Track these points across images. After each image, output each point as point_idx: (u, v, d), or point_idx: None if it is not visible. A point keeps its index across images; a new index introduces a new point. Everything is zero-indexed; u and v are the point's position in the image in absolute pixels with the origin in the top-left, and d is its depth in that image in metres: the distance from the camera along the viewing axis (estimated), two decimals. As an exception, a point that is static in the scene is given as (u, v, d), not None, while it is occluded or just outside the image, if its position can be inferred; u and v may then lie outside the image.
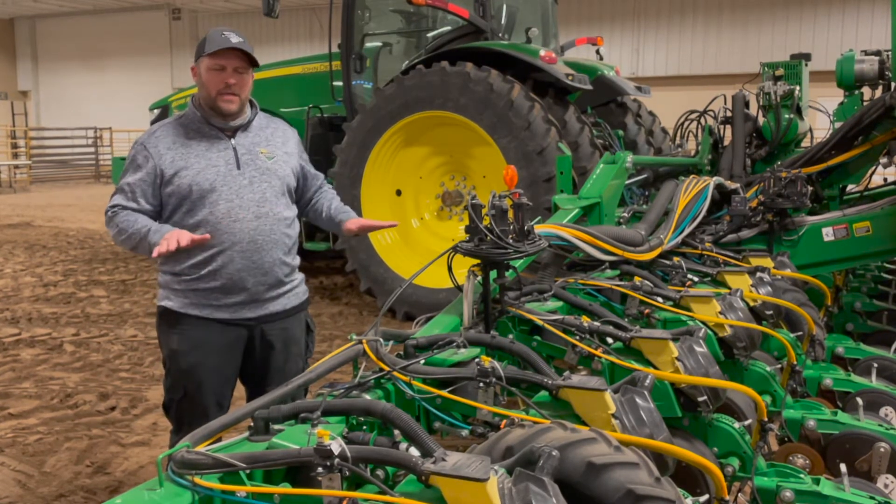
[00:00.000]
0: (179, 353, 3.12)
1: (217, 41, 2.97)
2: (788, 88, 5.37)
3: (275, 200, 3.10)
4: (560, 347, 2.56)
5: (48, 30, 31.48)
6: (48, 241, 12.63)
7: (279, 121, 3.35)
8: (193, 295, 3.07)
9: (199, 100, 3.11)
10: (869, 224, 4.33)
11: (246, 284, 3.06)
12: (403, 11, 8.39)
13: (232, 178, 3.03)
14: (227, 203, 3.01)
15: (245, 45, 2.98)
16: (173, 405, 3.19)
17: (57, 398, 5.38)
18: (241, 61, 3.01)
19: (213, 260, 3.02)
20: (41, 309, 8.03)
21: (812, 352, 3.29)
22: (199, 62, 3.06)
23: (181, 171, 3.00)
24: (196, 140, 3.06)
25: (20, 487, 4.09)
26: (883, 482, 2.51)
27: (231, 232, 3.01)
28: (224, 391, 3.19)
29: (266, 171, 3.10)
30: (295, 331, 3.29)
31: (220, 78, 3.00)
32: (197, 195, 3.00)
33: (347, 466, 1.53)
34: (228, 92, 3.00)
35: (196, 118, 3.10)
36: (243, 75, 3.03)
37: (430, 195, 7.77)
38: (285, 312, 3.22)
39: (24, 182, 24.25)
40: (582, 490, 1.58)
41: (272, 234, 3.09)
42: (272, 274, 3.11)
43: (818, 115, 5.96)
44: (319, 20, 9.74)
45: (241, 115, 3.10)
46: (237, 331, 3.12)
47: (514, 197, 2.56)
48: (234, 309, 3.08)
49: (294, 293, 3.26)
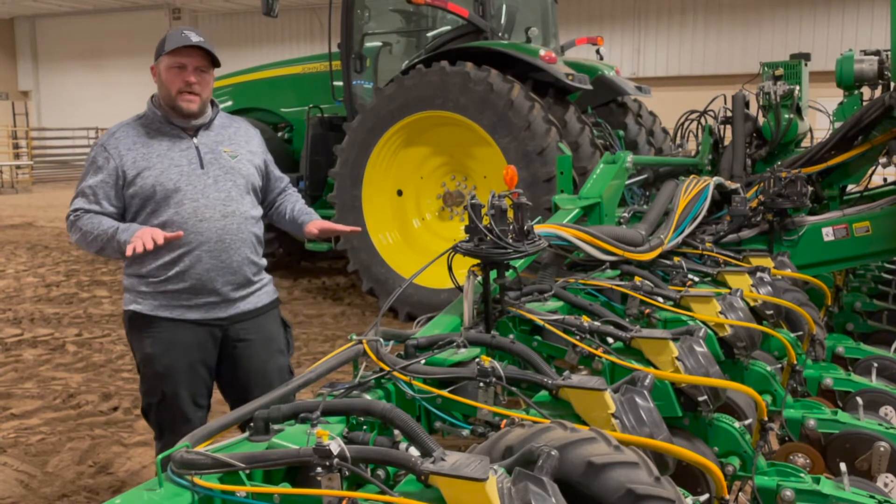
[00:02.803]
0: (154, 356, 3.08)
1: (177, 40, 2.94)
2: (788, 88, 5.37)
3: (240, 199, 3.08)
4: (560, 347, 2.57)
5: (48, 30, 31.49)
6: (50, 242, 12.64)
7: (241, 120, 3.35)
8: (163, 297, 3.03)
9: (160, 99, 3.07)
10: (869, 224, 4.33)
11: (215, 284, 3.03)
12: (403, 11, 8.39)
13: (196, 178, 3.00)
14: (193, 203, 2.98)
15: (206, 44, 2.96)
16: (152, 409, 3.16)
17: (59, 398, 5.39)
18: (202, 60, 2.98)
19: (181, 260, 2.99)
20: (43, 309, 8.04)
21: (812, 351, 3.29)
22: (158, 61, 3.02)
23: (143, 172, 2.97)
24: (157, 140, 3.03)
25: (23, 487, 4.10)
26: (883, 481, 2.51)
27: (198, 231, 2.98)
28: (200, 390, 3.15)
29: (230, 169, 3.08)
30: (271, 327, 3.27)
31: (180, 77, 2.97)
32: (161, 195, 2.96)
33: (347, 466, 1.54)
34: (189, 91, 2.97)
35: (157, 118, 3.06)
36: (204, 74, 3.00)
37: (431, 195, 7.78)
38: (257, 311, 3.20)
39: (26, 182, 24.26)
40: (582, 490, 1.58)
41: (240, 233, 3.06)
42: (241, 273, 3.09)
43: (818, 115, 5.96)
44: (319, 20, 9.75)
45: (202, 114, 3.06)
46: (210, 329, 3.10)
47: (514, 197, 2.56)
48: (205, 309, 3.06)
49: (264, 291, 3.25)
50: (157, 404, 3.13)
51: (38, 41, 31.96)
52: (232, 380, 3.26)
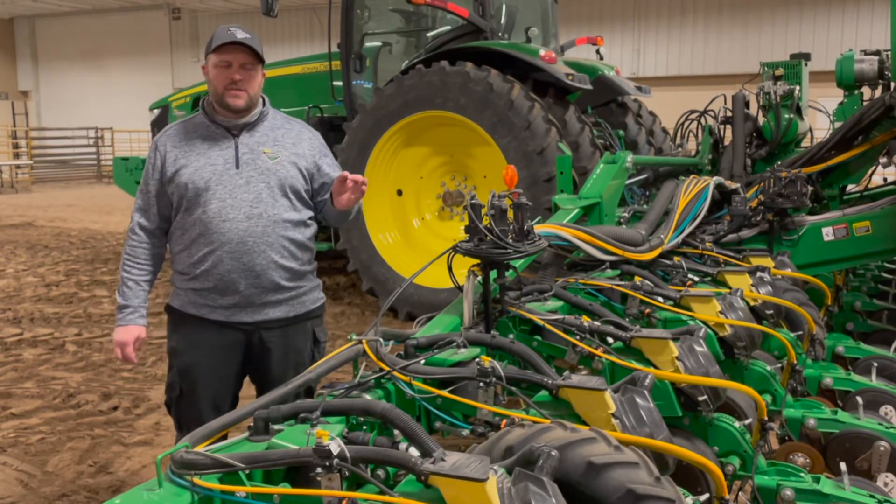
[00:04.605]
0: (177, 351, 3.13)
1: (222, 37, 2.95)
2: (788, 88, 5.37)
3: (271, 202, 3.02)
4: (560, 347, 2.57)
5: (48, 30, 31.51)
6: (50, 242, 12.65)
7: (297, 121, 3.26)
8: (192, 294, 3.06)
9: (210, 97, 3.09)
10: (869, 224, 4.33)
11: (238, 287, 3.01)
12: (403, 11, 8.39)
13: (228, 178, 3.00)
14: (220, 202, 2.97)
15: (251, 41, 2.95)
16: (172, 403, 3.19)
17: (59, 398, 5.39)
18: (247, 57, 2.98)
19: (206, 260, 3.00)
20: (43, 309, 8.04)
21: (812, 351, 3.30)
22: (207, 59, 3.04)
23: (181, 170, 3.00)
24: (200, 139, 3.06)
25: (22, 487, 4.10)
26: (883, 481, 2.51)
27: (221, 232, 2.97)
28: (222, 393, 3.13)
29: (266, 171, 3.03)
30: (296, 340, 3.17)
31: (225, 74, 2.97)
32: (192, 193, 2.98)
33: (346, 467, 1.54)
34: (234, 87, 2.98)
35: (203, 117, 3.09)
36: (250, 71, 3.00)
37: (432, 195, 7.77)
38: (287, 320, 3.12)
39: (26, 182, 24.28)
40: (582, 490, 1.58)
41: (265, 237, 3.00)
42: (266, 277, 3.02)
43: (818, 115, 5.96)
44: (319, 20, 9.74)
45: (249, 112, 3.06)
46: (234, 334, 3.07)
47: (514, 197, 2.56)
48: (230, 311, 3.04)
49: (300, 301, 3.15)
50: (177, 399, 3.15)
51: (37, 41, 31.98)
52: (257, 381, 3.25)
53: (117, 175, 11.06)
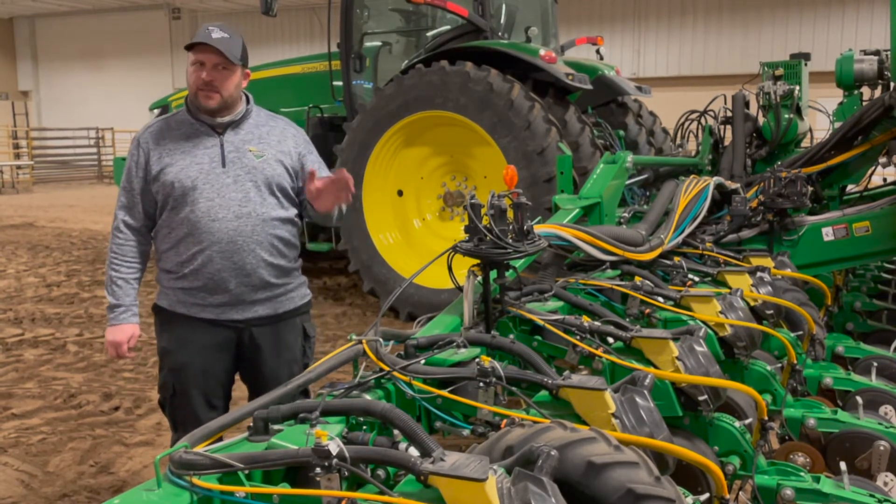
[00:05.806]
0: (168, 351, 3.12)
1: (198, 36, 2.91)
2: (788, 88, 5.37)
3: (259, 200, 3.02)
4: (561, 347, 2.57)
5: (48, 30, 31.51)
6: (51, 242, 12.65)
7: (280, 119, 3.24)
8: (181, 293, 3.05)
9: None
10: (869, 224, 4.33)
11: (228, 285, 3.01)
12: (403, 11, 8.39)
13: (215, 177, 2.98)
14: (208, 202, 2.96)
15: (223, 42, 2.89)
16: (166, 403, 3.19)
17: (60, 398, 5.39)
18: (220, 58, 2.92)
19: (195, 259, 2.99)
20: (44, 309, 8.04)
21: (812, 351, 3.30)
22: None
23: (166, 168, 2.98)
24: (185, 137, 3.02)
25: (23, 487, 4.10)
26: (883, 480, 2.51)
27: (210, 231, 2.96)
28: (215, 391, 3.14)
29: (252, 169, 3.02)
30: (287, 336, 3.19)
31: (197, 74, 2.95)
32: (179, 192, 2.96)
33: (346, 467, 1.54)
34: (206, 88, 2.94)
35: (186, 115, 3.06)
36: (223, 72, 2.94)
37: (432, 195, 7.77)
38: (277, 317, 3.14)
39: (27, 182, 24.28)
40: (582, 489, 1.58)
41: (255, 235, 3.00)
42: (256, 275, 3.03)
43: (818, 115, 5.96)
44: (319, 20, 9.74)
45: (228, 111, 3.02)
46: (224, 332, 3.08)
47: (514, 197, 2.56)
48: (220, 309, 3.04)
49: (288, 297, 3.17)
50: (170, 399, 3.15)
51: (37, 41, 31.98)
52: (249, 385, 3.26)
53: (118, 175, 11.06)
